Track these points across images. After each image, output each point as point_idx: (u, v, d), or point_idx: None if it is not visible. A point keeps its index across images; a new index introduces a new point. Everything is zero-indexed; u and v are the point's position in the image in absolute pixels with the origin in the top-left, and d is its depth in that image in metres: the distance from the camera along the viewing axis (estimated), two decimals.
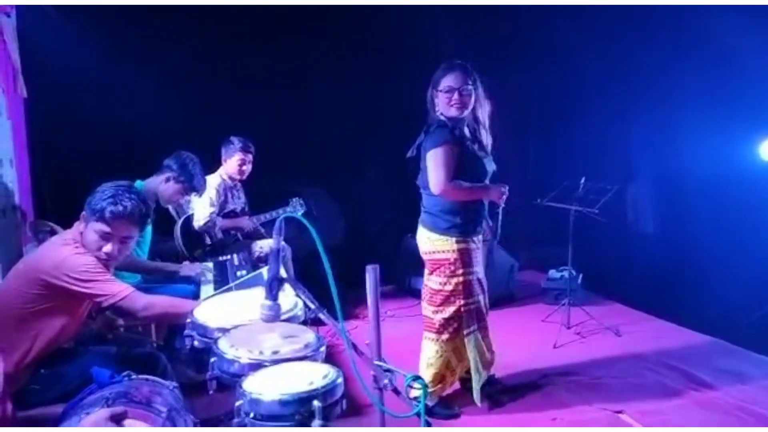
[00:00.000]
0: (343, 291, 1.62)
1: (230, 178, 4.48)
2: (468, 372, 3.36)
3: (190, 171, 3.69)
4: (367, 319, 4.49)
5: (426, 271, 3.34)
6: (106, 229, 2.43)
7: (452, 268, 3.19)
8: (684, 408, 3.32)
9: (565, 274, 4.77)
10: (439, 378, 3.31)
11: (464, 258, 3.19)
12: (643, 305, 4.89)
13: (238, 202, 4.59)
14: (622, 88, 5.36)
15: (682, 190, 5.27)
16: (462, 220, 3.19)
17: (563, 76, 5.72)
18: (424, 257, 3.31)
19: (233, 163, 4.43)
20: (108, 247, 2.46)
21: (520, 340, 4.37)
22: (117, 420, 1.40)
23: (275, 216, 4.53)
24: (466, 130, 3.22)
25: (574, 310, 4.52)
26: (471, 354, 3.28)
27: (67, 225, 2.75)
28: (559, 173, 4.68)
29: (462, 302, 3.22)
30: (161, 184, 3.69)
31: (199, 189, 3.84)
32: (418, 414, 1.56)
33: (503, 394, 3.49)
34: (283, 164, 5.30)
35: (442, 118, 3.16)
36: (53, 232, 3.58)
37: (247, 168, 4.48)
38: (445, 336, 3.26)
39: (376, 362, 1.65)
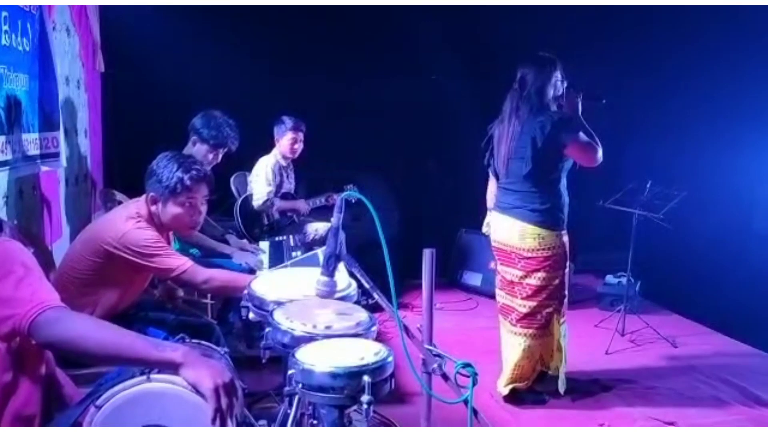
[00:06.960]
0: (396, 281, 1.63)
1: (284, 157, 4.52)
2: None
3: (212, 127, 3.54)
4: (416, 310, 4.55)
5: (517, 272, 3.22)
6: (191, 195, 2.49)
7: (561, 262, 3.21)
8: (738, 424, 3.20)
9: (623, 280, 4.64)
10: (535, 365, 3.36)
11: (568, 250, 3.23)
12: (703, 318, 4.70)
13: (290, 183, 4.66)
14: (703, 94, 5.11)
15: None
16: (566, 212, 3.23)
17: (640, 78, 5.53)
18: (523, 254, 3.18)
19: (286, 142, 4.46)
20: (196, 215, 2.55)
21: (571, 343, 4.26)
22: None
23: (331, 201, 4.58)
24: None
25: (629, 318, 4.39)
26: (564, 341, 3.35)
27: (132, 195, 2.84)
28: (625, 176, 4.53)
29: (565, 292, 3.29)
30: (192, 149, 3.55)
31: (228, 143, 3.60)
32: (465, 401, 1.55)
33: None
34: (340, 152, 5.33)
35: (554, 108, 3.16)
36: (120, 202, 3.70)
37: (299, 146, 4.50)
38: (550, 327, 3.31)
39: (427, 346, 1.65)
